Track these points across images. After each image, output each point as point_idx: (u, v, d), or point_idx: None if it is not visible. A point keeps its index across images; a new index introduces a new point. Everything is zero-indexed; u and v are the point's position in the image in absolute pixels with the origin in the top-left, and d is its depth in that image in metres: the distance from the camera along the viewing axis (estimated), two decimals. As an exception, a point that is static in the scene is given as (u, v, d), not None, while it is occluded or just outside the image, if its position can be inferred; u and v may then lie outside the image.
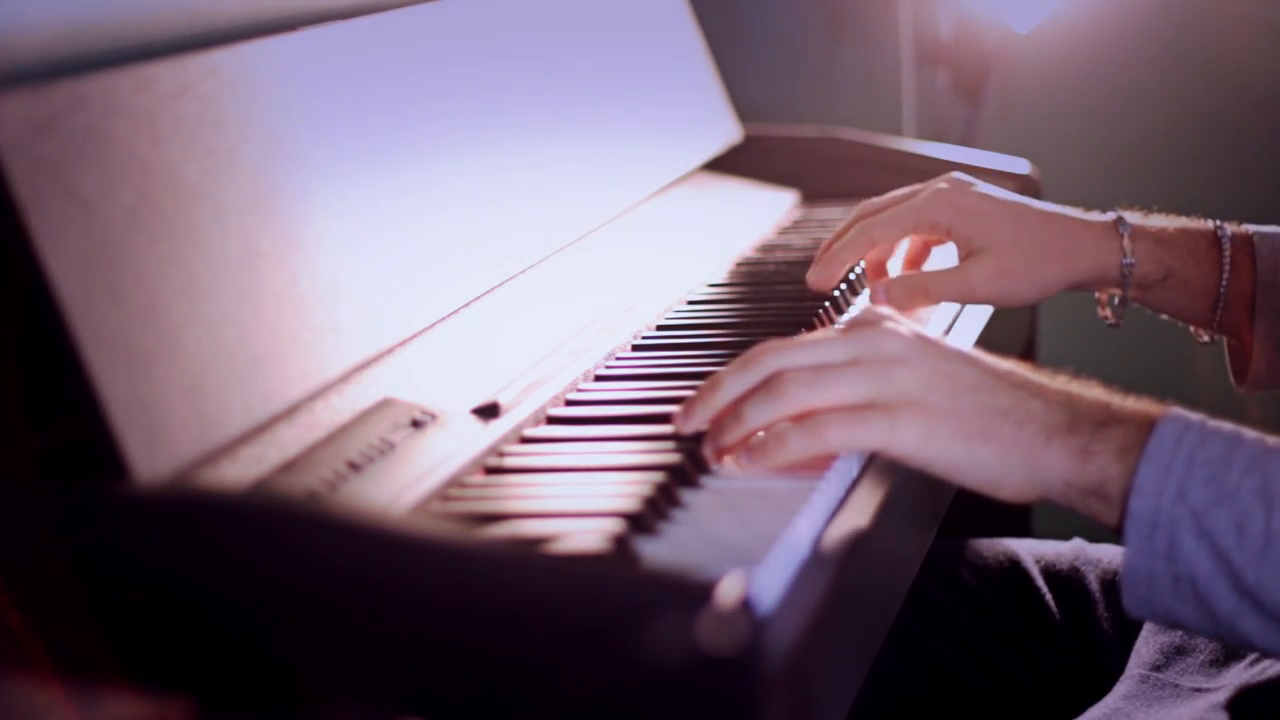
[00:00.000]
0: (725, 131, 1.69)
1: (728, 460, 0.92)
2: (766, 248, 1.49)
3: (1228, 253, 1.19)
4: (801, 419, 0.90)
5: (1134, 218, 1.21)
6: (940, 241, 1.27)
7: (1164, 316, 1.25)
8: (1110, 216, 1.21)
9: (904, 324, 0.93)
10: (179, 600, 0.76)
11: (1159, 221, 1.21)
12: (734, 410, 0.92)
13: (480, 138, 1.25)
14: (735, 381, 0.92)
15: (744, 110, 1.75)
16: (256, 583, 0.75)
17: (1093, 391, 0.92)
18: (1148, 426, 0.88)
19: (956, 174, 1.24)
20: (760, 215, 1.59)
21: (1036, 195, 1.66)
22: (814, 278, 1.23)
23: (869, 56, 2.25)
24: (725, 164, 1.68)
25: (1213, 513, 0.86)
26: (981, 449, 0.89)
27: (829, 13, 2.25)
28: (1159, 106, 2.34)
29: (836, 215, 1.61)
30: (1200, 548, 0.86)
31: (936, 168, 1.68)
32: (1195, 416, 0.89)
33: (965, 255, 1.19)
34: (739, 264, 1.42)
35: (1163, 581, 0.87)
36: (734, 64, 1.86)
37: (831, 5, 2.25)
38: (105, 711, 0.76)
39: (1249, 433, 0.89)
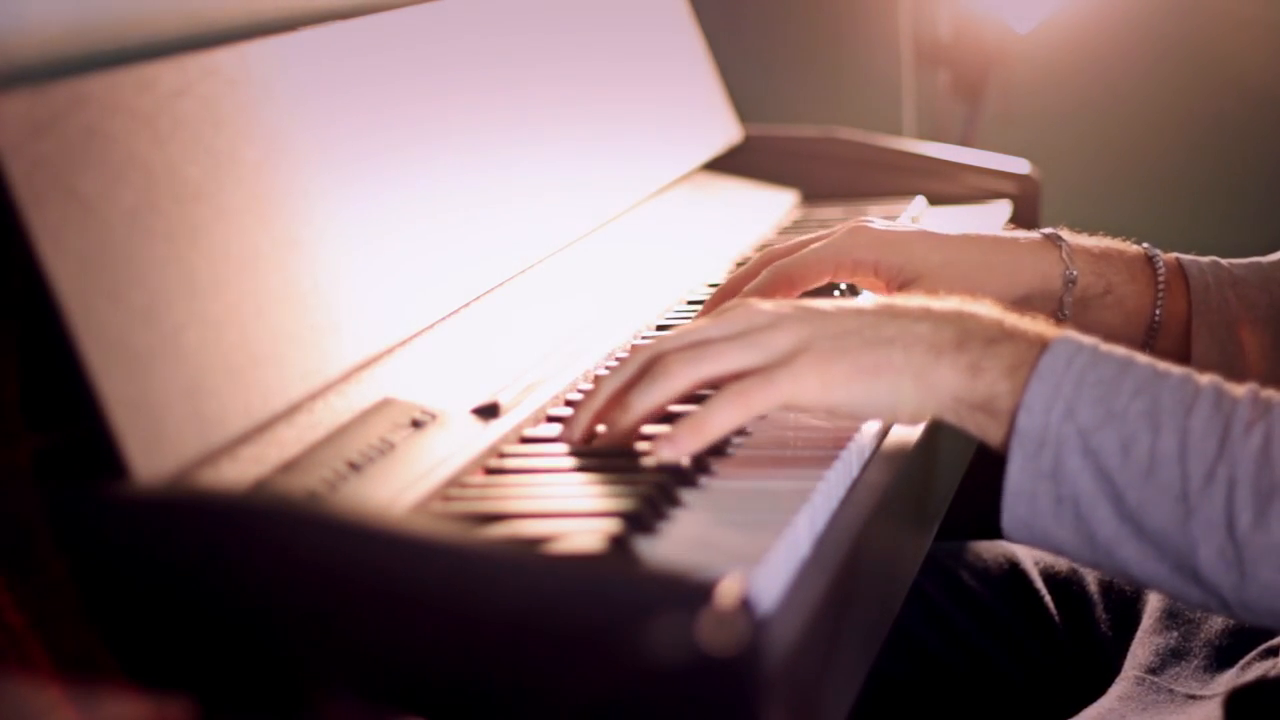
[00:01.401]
0: (725, 131, 1.69)
1: (655, 450, 0.90)
2: (766, 248, 1.48)
3: (1162, 274, 1.15)
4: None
5: (1065, 233, 1.17)
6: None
7: None
8: (1041, 233, 1.16)
9: (770, 302, 0.93)
10: (179, 600, 0.76)
11: (1087, 239, 1.17)
12: (619, 404, 0.93)
13: (480, 138, 1.25)
14: (613, 379, 0.94)
15: (744, 110, 1.75)
16: (256, 582, 0.75)
17: (986, 310, 0.92)
18: (1040, 345, 0.89)
19: (859, 219, 1.17)
20: (760, 215, 1.59)
21: (1036, 195, 1.67)
22: None
23: (869, 56, 2.25)
24: (725, 164, 1.68)
25: (1099, 433, 0.85)
26: (876, 382, 0.90)
27: (829, 13, 2.25)
28: (1159, 106, 2.34)
29: (836, 215, 1.61)
30: (1085, 467, 0.86)
31: (936, 168, 1.68)
32: (1089, 340, 0.89)
33: (898, 288, 1.13)
34: (739, 264, 1.42)
35: (1045, 502, 0.87)
36: (734, 64, 1.86)
37: (831, 5, 2.25)
38: (105, 711, 0.76)
39: (1141, 358, 0.88)
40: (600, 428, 0.96)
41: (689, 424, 0.90)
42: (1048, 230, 1.17)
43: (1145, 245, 1.18)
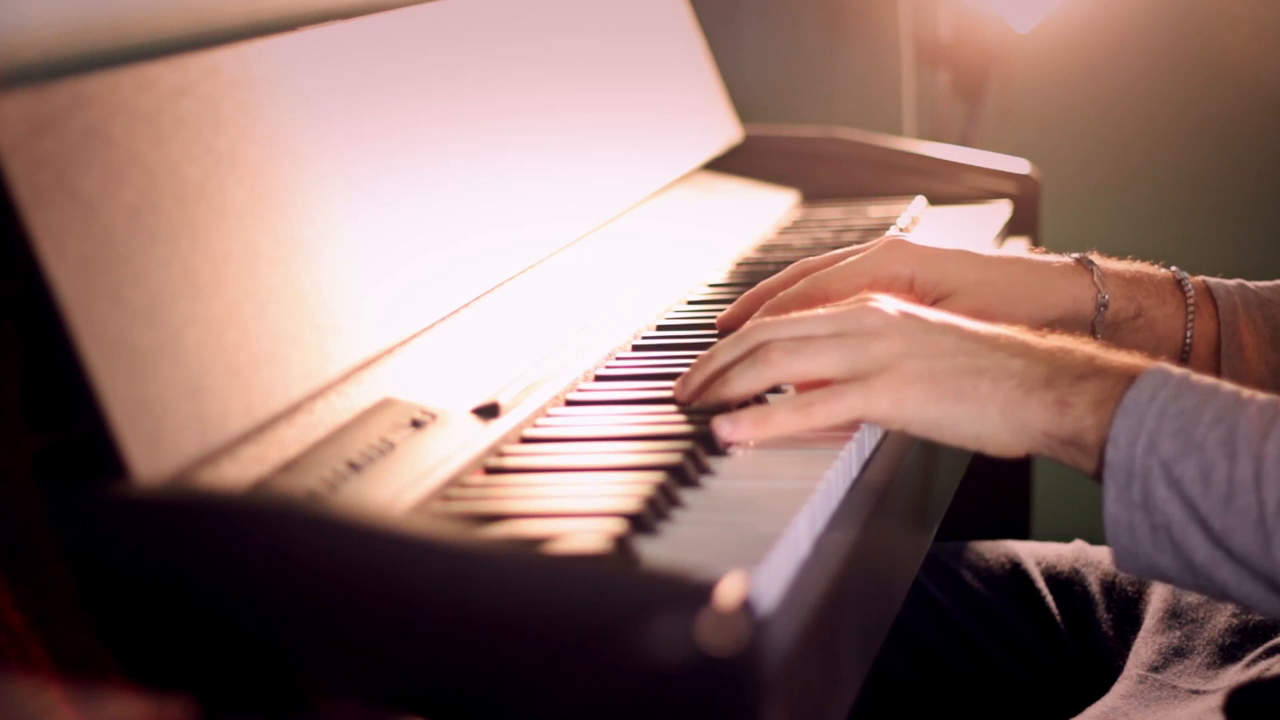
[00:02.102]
0: (725, 131, 1.69)
1: (717, 422, 0.95)
2: (766, 248, 1.49)
3: (1191, 297, 1.16)
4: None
5: (1096, 257, 1.17)
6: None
7: None
8: (1073, 257, 1.17)
9: (890, 302, 0.97)
10: (179, 600, 0.76)
11: (1117, 263, 1.18)
12: (720, 378, 0.98)
13: (480, 138, 1.25)
14: (727, 351, 0.99)
15: (744, 110, 1.75)
16: (256, 582, 0.75)
17: (1084, 348, 0.94)
18: (1128, 379, 0.91)
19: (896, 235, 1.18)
20: (760, 215, 1.59)
21: (1036, 195, 1.67)
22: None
23: (869, 56, 2.25)
24: (725, 164, 1.68)
25: (1181, 463, 0.87)
26: (956, 407, 0.92)
27: (829, 13, 2.25)
28: (1158, 106, 2.34)
29: (836, 215, 1.61)
30: (1172, 496, 0.88)
31: (936, 168, 1.68)
32: (1179, 371, 0.91)
33: (931, 304, 1.13)
34: (739, 264, 1.42)
35: (1142, 531, 0.89)
36: (734, 64, 1.86)
37: (831, 5, 2.25)
38: (105, 711, 0.76)
39: (1227, 386, 0.90)
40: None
41: (756, 413, 0.95)
42: (1078, 255, 1.17)
43: (1174, 269, 1.19)
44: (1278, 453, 0.86)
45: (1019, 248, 1.58)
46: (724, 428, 0.95)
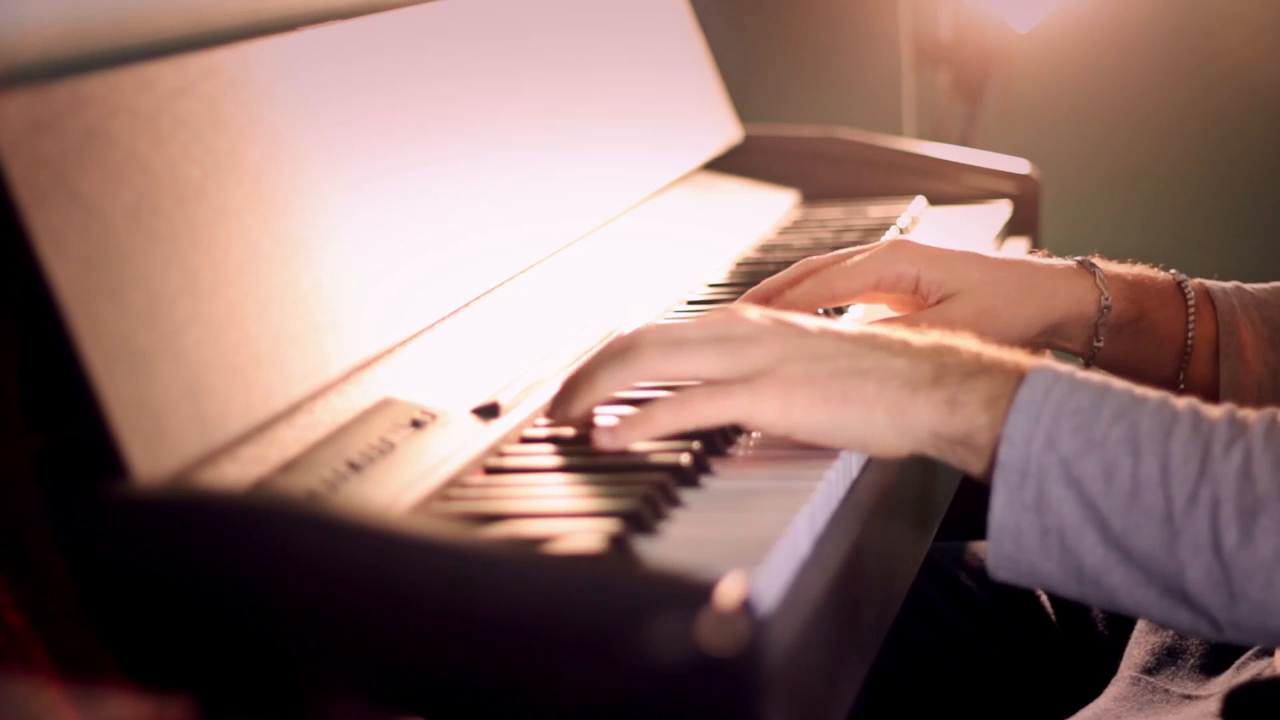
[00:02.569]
0: (725, 131, 1.69)
1: (595, 435, 0.92)
2: (766, 248, 1.49)
3: (1192, 300, 1.16)
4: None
5: (1097, 260, 1.17)
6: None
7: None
8: (1075, 260, 1.17)
9: (755, 310, 0.94)
10: (179, 600, 0.76)
11: (1118, 266, 1.18)
12: (584, 376, 0.94)
13: (480, 138, 1.25)
14: (590, 358, 0.95)
15: (744, 110, 1.75)
16: (256, 582, 0.75)
17: (965, 344, 0.92)
18: (1017, 376, 0.89)
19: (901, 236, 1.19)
20: (760, 215, 1.59)
21: (1036, 195, 1.67)
22: None
23: (869, 56, 2.25)
24: (725, 164, 1.68)
25: (1081, 461, 0.85)
26: (842, 411, 0.90)
27: (829, 13, 2.25)
28: (1159, 106, 2.35)
29: (836, 215, 1.61)
30: (1069, 496, 0.86)
31: (936, 168, 1.68)
32: (1065, 368, 0.89)
33: (936, 303, 1.14)
34: (739, 264, 1.42)
35: (1030, 535, 0.87)
36: (734, 64, 1.86)
37: (831, 5, 2.25)
38: (105, 711, 0.76)
39: (1118, 383, 0.89)
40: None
41: (633, 418, 0.91)
42: (1080, 258, 1.17)
43: (1173, 271, 1.19)
44: (1182, 450, 0.85)
45: (1019, 248, 1.58)
46: (603, 439, 0.91)
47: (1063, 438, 0.86)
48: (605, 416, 0.94)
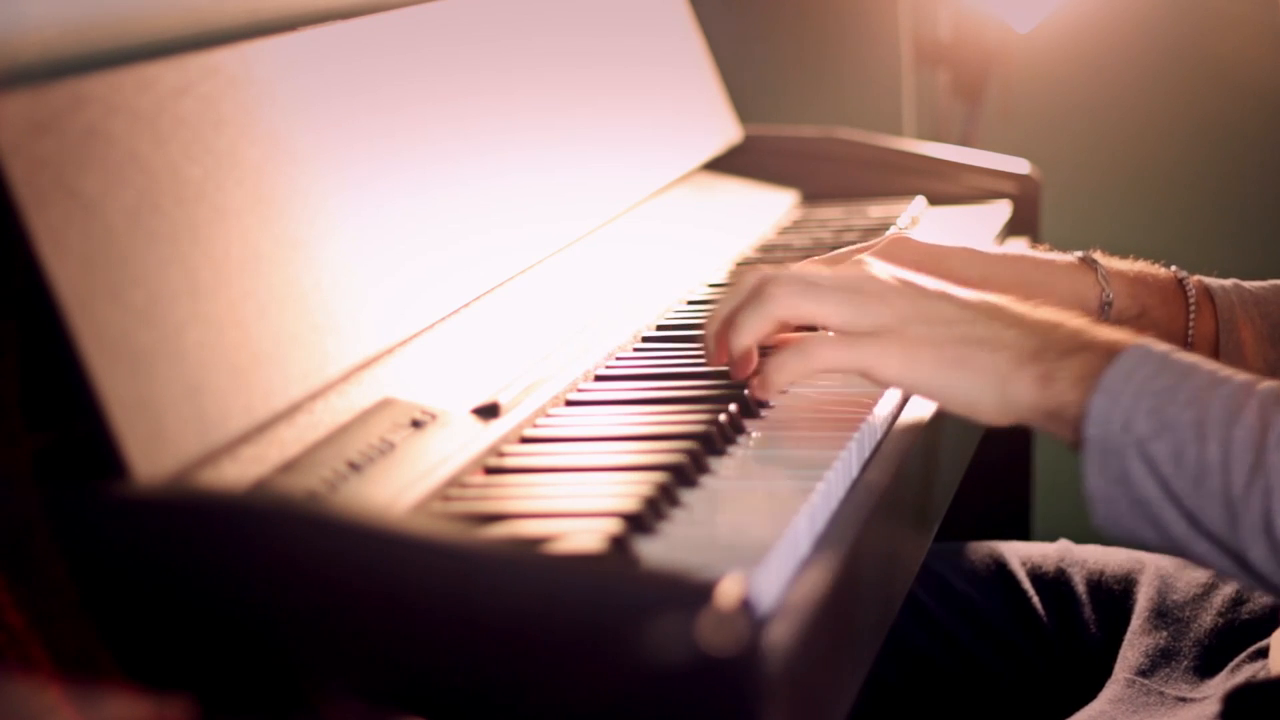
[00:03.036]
0: (725, 131, 1.69)
1: (769, 371, 0.97)
2: (766, 248, 1.49)
3: (1193, 295, 1.17)
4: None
5: (1099, 256, 1.18)
6: None
7: None
8: (1076, 255, 1.18)
9: (884, 268, 0.98)
10: (179, 600, 0.76)
11: (1120, 262, 1.19)
12: (732, 324, 0.99)
13: (480, 138, 1.25)
14: (723, 304, 1.00)
15: (744, 110, 1.75)
16: (256, 582, 0.75)
17: (1073, 321, 0.95)
18: (1110, 355, 0.91)
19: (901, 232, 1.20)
20: (760, 215, 1.59)
21: (1036, 195, 1.67)
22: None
23: (869, 56, 2.25)
24: (725, 164, 1.68)
25: (1154, 442, 0.88)
26: (958, 375, 0.93)
27: (829, 13, 2.25)
28: (1159, 106, 2.34)
29: (836, 215, 1.61)
30: (1148, 474, 0.89)
31: (936, 168, 1.68)
32: (1161, 347, 0.92)
33: None
34: (739, 264, 1.42)
35: (1122, 505, 0.90)
36: (734, 64, 1.86)
37: (831, 5, 2.25)
38: (105, 711, 0.76)
39: (1206, 365, 0.91)
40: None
41: (796, 349, 0.96)
42: (1081, 253, 1.18)
43: (1174, 268, 1.19)
44: (1244, 436, 0.87)
45: (1020, 246, 1.57)
46: (771, 371, 0.97)
47: (1139, 419, 0.89)
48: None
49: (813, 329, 1.02)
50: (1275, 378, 1.14)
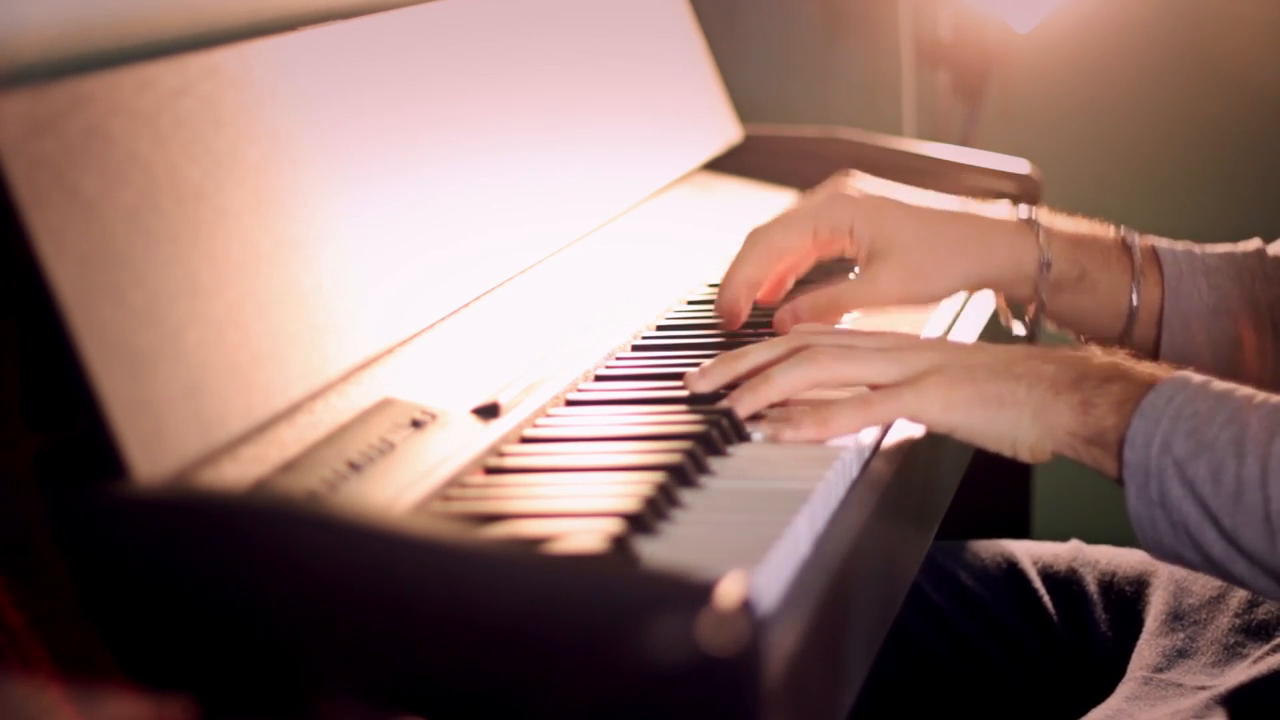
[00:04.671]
0: (725, 131, 1.69)
1: (766, 428, 0.98)
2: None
3: (1138, 259, 1.17)
4: (816, 404, 0.98)
5: (1043, 216, 1.18)
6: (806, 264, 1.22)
7: (1067, 334, 1.22)
8: (1020, 214, 1.18)
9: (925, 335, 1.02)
10: (179, 600, 0.76)
11: (1066, 222, 1.18)
12: (761, 374, 0.99)
13: (480, 138, 1.25)
14: (765, 351, 1.01)
15: (744, 110, 1.75)
16: (256, 583, 0.75)
17: (1111, 356, 0.97)
18: (1149, 384, 0.93)
19: (852, 172, 1.21)
20: (760, 215, 1.58)
21: (1036, 195, 1.66)
22: (720, 307, 1.18)
23: (869, 56, 2.25)
24: (725, 164, 1.68)
25: (1192, 463, 0.90)
26: (997, 412, 0.95)
27: (829, 13, 2.25)
28: (1159, 106, 2.34)
29: (836, 215, 1.60)
30: (1186, 496, 0.90)
31: (936, 168, 1.68)
32: (1199, 378, 0.93)
33: (866, 259, 1.15)
34: (739, 264, 1.42)
35: (1163, 526, 0.92)
36: (734, 64, 1.86)
37: (831, 5, 2.24)
38: (105, 711, 0.76)
39: (1244, 390, 0.93)
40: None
41: (817, 414, 0.96)
42: (1026, 213, 1.17)
43: (1123, 230, 1.19)
44: None
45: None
46: (787, 433, 0.96)
47: (1178, 441, 0.91)
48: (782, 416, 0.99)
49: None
50: (1216, 351, 1.15)
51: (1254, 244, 1.20)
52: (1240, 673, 1.09)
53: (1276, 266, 1.18)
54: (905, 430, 1.02)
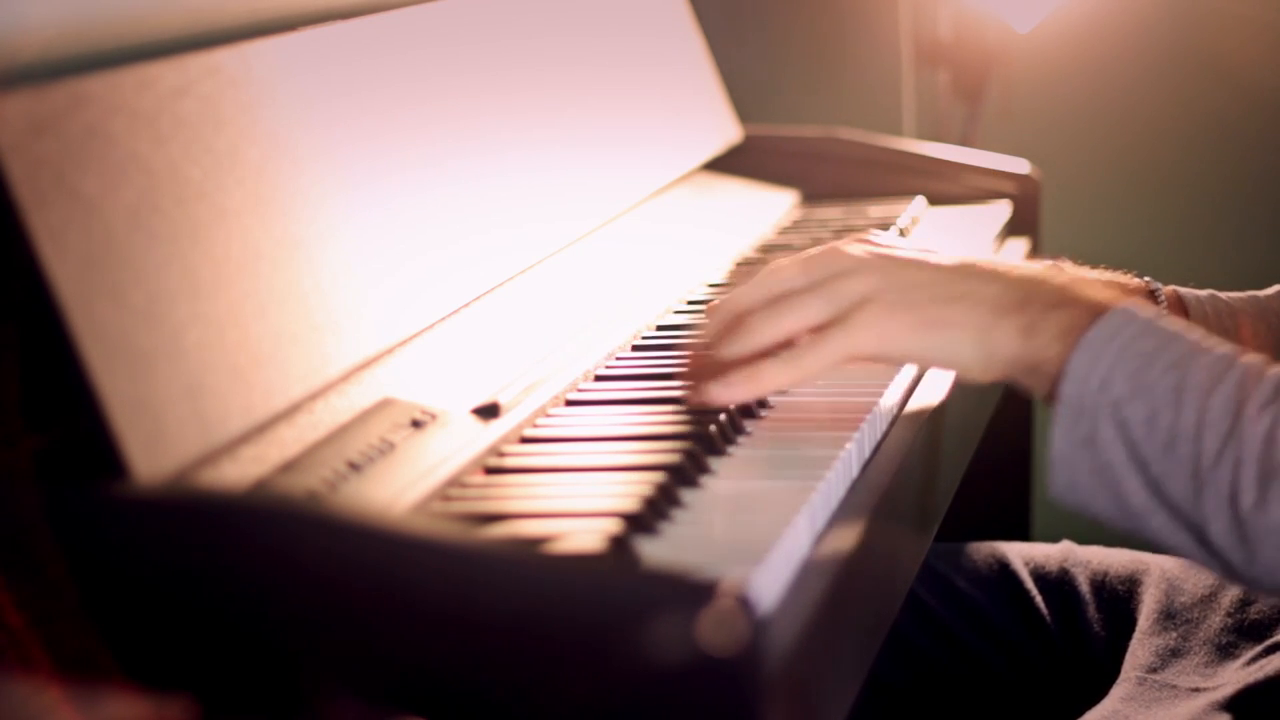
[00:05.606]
0: (725, 131, 1.69)
1: (707, 388, 0.97)
2: (766, 248, 1.49)
3: (1164, 307, 1.16)
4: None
5: (1068, 267, 1.14)
6: None
7: None
8: (1043, 264, 1.17)
9: (856, 246, 0.98)
10: (179, 600, 0.76)
11: (1090, 273, 1.16)
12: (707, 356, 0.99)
13: (480, 138, 1.25)
14: (708, 332, 1.00)
15: (744, 110, 1.75)
16: (256, 582, 0.75)
17: (1059, 277, 0.95)
18: (1096, 313, 0.91)
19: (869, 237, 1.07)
20: (760, 215, 1.59)
21: (1036, 195, 1.67)
22: (707, 328, 1.07)
23: (869, 56, 2.25)
24: (725, 164, 1.68)
25: (1130, 404, 0.88)
26: (936, 334, 0.93)
27: (829, 13, 2.25)
28: (1159, 106, 2.34)
29: (836, 215, 1.61)
30: (1116, 437, 0.88)
31: (936, 168, 1.68)
32: (1146, 312, 0.91)
33: None
34: (739, 264, 1.42)
35: (1082, 470, 0.90)
36: (734, 64, 1.86)
37: (831, 5, 2.25)
38: (105, 711, 0.76)
39: (1191, 332, 0.90)
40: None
41: (747, 373, 0.96)
42: (1049, 261, 1.17)
43: (1147, 279, 1.19)
44: (1220, 406, 0.86)
45: (1019, 248, 1.58)
46: (718, 392, 0.96)
47: (1117, 380, 0.89)
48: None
49: None
50: None
51: (1277, 288, 1.20)
52: (1234, 674, 1.09)
53: None
54: (906, 430, 1.02)
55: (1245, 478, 0.85)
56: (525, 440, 0.99)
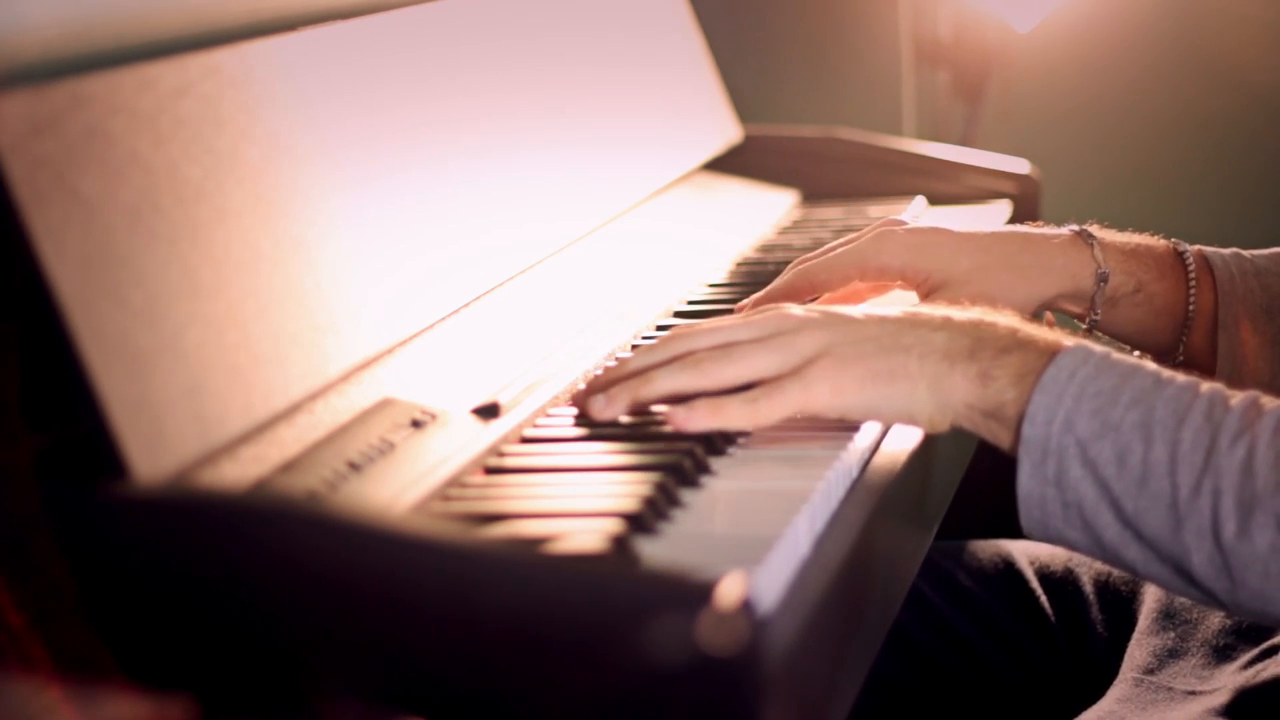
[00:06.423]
0: (725, 131, 1.69)
1: (673, 411, 0.95)
2: (766, 248, 1.49)
3: (1192, 269, 1.16)
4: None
5: (1095, 230, 1.17)
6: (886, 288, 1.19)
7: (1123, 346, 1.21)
8: (1070, 229, 1.17)
9: (798, 307, 0.97)
10: (179, 600, 0.76)
11: (1117, 235, 1.17)
12: (641, 374, 0.97)
13: (480, 137, 1.25)
14: (643, 358, 0.98)
15: (744, 110, 1.75)
16: (256, 582, 0.75)
17: (1006, 321, 0.94)
18: (1049, 355, 0.91)
19: (890, 219, 1.18)
20: (760, 215, 1.59)
21: (1036, 195, 1.67)
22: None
23: (869, 56, 2.25)
24: (725, 164, 1.68)
25: (1097, 444, 0.88)
26: (889, 388, 0.93)
27: (829, 13, 2.25)
28: (1159, 106, 2.35)
29: (836, 215, 1.61)
30: (1086, 476, 0.88)
31: (936, 168, 1.68)
32: (1099, 350, 0.91)
33: (926, 294, 1.14)
34: (739, 264, 1.42)
35: (1053, 507, 0.90)
36: (734, 64, 1.86)
37: (831, 5, 2.25)
38: (105, 711, 0.76)
39: (1148, 368, 0.90)
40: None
41: (710, 404, 0.94)
42: (1076, 227, 1.17)
43: (1174, 240, 1.18)
44: (1192, 438, 0.87)
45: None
46: (680, 416, 0.94)
47: (1081, 420, 0.88)
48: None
49: None
50: (1273, 351, 1.14)
51: None
52: (1230, 677, 1.09)
53: None
54: (904, 431, 1.02)
55: (1225, 508, 0.85)
56: (525, 440, 0.99)
